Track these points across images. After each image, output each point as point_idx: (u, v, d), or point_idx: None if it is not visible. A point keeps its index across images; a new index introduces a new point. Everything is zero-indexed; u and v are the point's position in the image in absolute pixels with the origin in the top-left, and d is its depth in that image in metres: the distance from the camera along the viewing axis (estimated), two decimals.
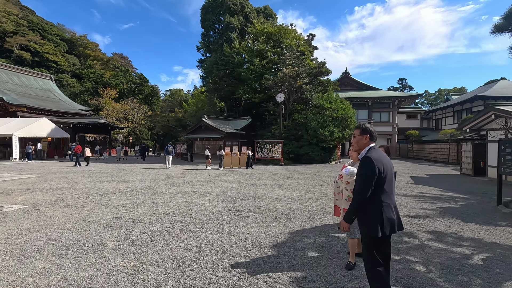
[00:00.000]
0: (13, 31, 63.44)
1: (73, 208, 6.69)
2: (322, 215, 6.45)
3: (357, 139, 2.76)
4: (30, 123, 25.43)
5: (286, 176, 14.19)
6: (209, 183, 11.58)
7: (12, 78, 36.13)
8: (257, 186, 10.87)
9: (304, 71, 24.26)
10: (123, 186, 10.37)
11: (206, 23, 30.64)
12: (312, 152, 22.99)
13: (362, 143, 2.71)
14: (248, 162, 18.48)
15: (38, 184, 10.32)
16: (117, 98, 47.71)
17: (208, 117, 25.00)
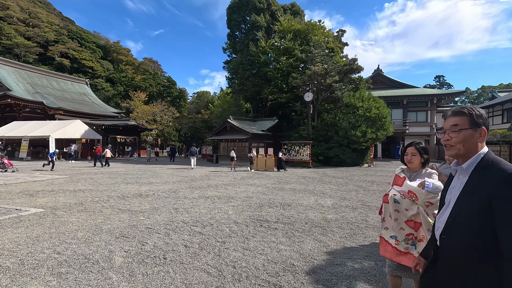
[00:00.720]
0: (55, 40, 68.01)
1: (90, 213, 6.29)
2: (365, 229, 5.45)
3: (465, 135, 1.47)
4: (65, 125, 26.58)
5: (316, 180, 13.16)
6: (233, 186, 10.91)
7: (52, 83, 38.38)
8: (286, 191, 10.00)
9: (333, 69, 22.96)
10: (146, 188, 10.00)
11: (232, 23, 30.33)
12: (342, 154, 21.62)
13: (474, 142, 1.47)
14: (280, 164, 17.63)
15: (64, 186, 10.26)
16: (146, 101, 49.13)
17: (233, 118, 24.53)
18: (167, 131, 46.63)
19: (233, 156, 17.97)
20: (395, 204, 2.61)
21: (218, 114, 38.63)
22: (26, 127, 26.97)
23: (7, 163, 15.26)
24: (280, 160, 17.69)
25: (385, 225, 2.79)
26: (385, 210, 2.76)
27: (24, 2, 74.72)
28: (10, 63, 35.16)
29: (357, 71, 24.21)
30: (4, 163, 15.22)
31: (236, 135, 23.49)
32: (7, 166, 15.18)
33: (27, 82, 34.52)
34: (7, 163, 15.27)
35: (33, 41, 63.75)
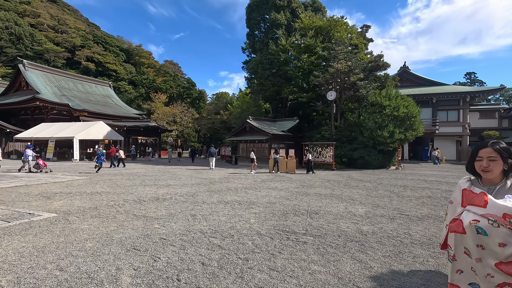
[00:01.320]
0: (81, 44, 70.83)
1: (103, 219, 5.89)
2: (411, 245, 4.64)
3: None
4: (89, 126, 27.19)
5: (342, 184, 12.27)
6: (254, 190, 10.29)
7: (77, 86, 39.71)
8: (310, 196, 9.25)
9: (358, 66, 21.83)
10: (163, 191, 9.61)
11: (251, 22, 29.86)
12: (368, 156, 20.45)
13: None
14: (309, 167, 16.85)
15: (82, 187, 10.09)
16: (167, 102, 49.79)
17: (253, 118, 23.98)
18: (186, 132, 46.96)
19: (253, 157, 17.39)
20: (478, 235, 1.78)
21: (237, 115, 38.32)
22: (53, 128, 27.87)
23: (41, 164, 15.48)
24: (309, 162, 16.89)
25: (458, 267, 1.98)
26: (457, 244, 1.94)
27: (54, 9, 78.52)
28: (39, 67, 36.70)
29: (383, 68, 22.91)
30: (39, 164, 15.42)
31: (255, 136, 22.92)
32: (41, 167, 15.40)
33: (54, 85, 35.86)
34: (41, 164, 15.49)
35: (62, 46, 66.72)
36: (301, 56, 23.67)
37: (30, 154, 15.73)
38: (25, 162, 15.63)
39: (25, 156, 15.70)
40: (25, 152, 15.75)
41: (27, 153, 15.67)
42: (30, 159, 15.63)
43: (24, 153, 15.80)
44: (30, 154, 15.71)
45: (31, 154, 15.83)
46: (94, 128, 27.35)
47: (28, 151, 15.76)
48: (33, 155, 15.91)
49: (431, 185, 12.09)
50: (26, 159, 15.59)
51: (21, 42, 60.13)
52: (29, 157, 15.60)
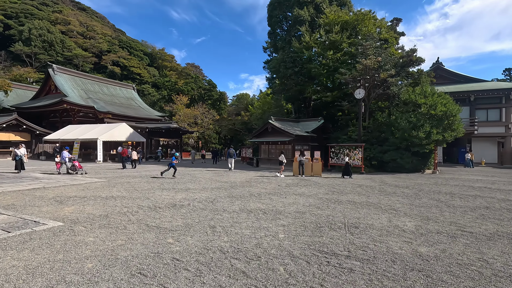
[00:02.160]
0: (108, 49, 73.34)
1: (112, 230, 5.21)
2: (495, 280, 3.50)
3: None
4: (112, 128, 27.47)
5: (376, 190, 11.02)
6: (279, 196, 9.34)
7: (103, 89, 40.73)
8: (344, 204, 8.16)
9: (388, 62, 20.29)
10: (181, 196, 8.91)
11: (273, 20, 28.98)
12: (400, 159, 18.83)
13: None
14: (347, 170, 15.64)
15: (98, 191, 9.63)
16: (188, 104, 50.03)
17: (275, 119, 23.04)
18: (207, 134, 46.86)
19: (283, 160, 16.41)
20: None
21: (258, 116, 37.56)
22: (78, 130, 28.47)
23: (77, 166, 15.38)
24: (347, 166, 15.66)
25: None
26: None
27: (83, 17, 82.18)
28: (67, 71, 38.00)
29: (416, 63, 21.17)
30: (75, 165, 15.32)
31: (278, 137, 21.95)
32: (77, 169, 15.31)
33: (81, 88, 36.93)
34: (77, 165, 15.39)
35: (89, 51, 69.43)
36: (326, 53, 22.43)
37: (67, 156, 15.54)
38: (63, 163, 15.45)
39: (62, 158, 15.48)
40: (62, 154, 15.55)
41: (63, 154, 15.47)
42: (67, 160, 15.41)
43: (61, 154, 15.65)
44: (66, 155, 15.49)
45: (68, 155, 15.64)
46: (117, 129, 27.61)
47: (65, 152, 15.53)
48: (69, 157, 15.76)
49: (482, 193, 10.54)
50: (64, 160, 15.40)
51: (53, 49, 63.19)
52: (66, 159, 15.35)
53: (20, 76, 52.75)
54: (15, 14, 67.58)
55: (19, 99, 39.09)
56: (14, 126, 28.57)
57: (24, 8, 70.73)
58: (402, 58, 21.51)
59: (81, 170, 15.51)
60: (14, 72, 55.31)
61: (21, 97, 39.98)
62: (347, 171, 15.60)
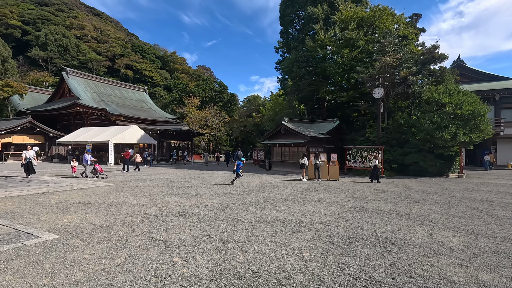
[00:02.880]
0: (121, 53, 74.39)
1: (112, 245, 4.57)
2: None
3: None
4: (123, 130, 27.32)
5: (402, 197, 10.06)
6: (297, 203, 8.55)
7: (115, 91, 40.96)
8: (371, 213, 7.29)
9: (409, 59, 19.18)
10: (191, 203, 8.25)
11: (285, 19, 28.25)
12: (423, 162, 17.67)
13: None
14: (375, 174, 14.65)
15: (104, 196, 9.10)
16: (199, 106, 49.81)
17: (288, 120, 22.24)
18: (218, 136, 46.44)
19: (304, 163, 15.58)
20: None
21: (270, 117, 36.82)
22: (90, 132, 28.47)
23: (98, 169, 14.67)
24: (376, 170, 14.65)
25: None
26: None
27: (97, 22, 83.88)
28: (80, 74, 38.39)
29: (439, 60, 19.97)
30: (96, 169, 14.65)
31: (291, 139, 21.13)
32: (98, 172, 14.63)
33: (94, 91, 37.19)
34: (98, 169, 14.69)
35: (103, 55, 70.59)
36: (341, 51, 21.50)
37: (89, 159, 15.12)
38: (85, 166, 15.00)
39: (84, 161, 15.09)
40: (84, 157, 15.17)
41: (85, 157, 15.09)
42: (88, 163, 14.99)
43: (83, 157, 15.20)
44: (88, 158, 15.10)
45: (90, 158, 15.22)
46: (128, 132, 27.43)
47: (86, 155, 15.14)
48: (91, 160, 15.32)
49: None
50: (86, 163, 14.99)
51: (68, 53, 64.51)
52: (88, 161, 14.98)
53: (37, 80, 53.89)
54: (32, 20, 69.53)
55: (35, 103, 39.75)
56: (29, 129, 28.85)
57: (41, 15, 72.73)
58: (423, 55, 20.35)
59: (102, 174, 14.79)
60: (31, 76, 56.66)
61: (37, 101, 40.65)
62: (376, 175, 14.61)
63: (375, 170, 14.62)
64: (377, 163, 14.71)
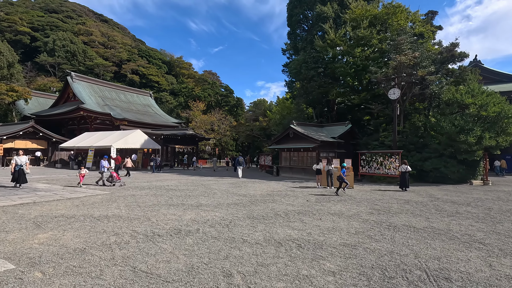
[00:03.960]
0: (127, 58, 74.56)
1: (80, 280, 3.50)
2: None
3: None
4: (126, 135, 26.56)
5: (431, 208, 8.81)
6: (312, 217, 7.39)
7: (120, 96, 40.50)
8: (402, 231, 6.09)
9: (426, 58, 17.93)
10: (190, 217, 7.18)
11: (293, 19, 27.31)
12: (444, 168, 16.29)
13: None
14: (405, 181, 13.33)
15: (93, 208, 8.09)
16: (204, 110, 49.06)
17: (297, 123, 21.10)
18: (224, 141, 45.48)
19: (319, 169, 14.41)
20: None
21: (277, 121, 35.71)
22: (93, 137, 27.81)
23: (115, 177, 13.48)
24: (405, 177, 13.30)
25: None
26: None
27: (104, 28, 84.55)
28: (85, 78, 38.06)
29: (459, 59, 18.66)
30: (113, 176, 13.39)
31: (300, 143, 19.97)
32: (115, 180, 13.41)
33: (98, 95, 36.75)
34: (115, 176, 13.49)
35: (110, 61, 70.76)
36: (353, 51, 20.38)
37: (106, 165, 13.73)
38: (102, 174, 13.66)
39: (100, 168, 13.78)
40: (100, 163, 13.79)
41: (102, 164, 13.73)
42: (105, 170, 13.69)
43: (100, 164, 13.86)
44: (105, 165, 13.68)
45: (107, 165, 13.80)
46: (131, 136, 26.66)
47: (103, 162, 13.74)
48: (108, 167, 13.94)
49: None
50: (102, 170, 13.65)
51: (75, 59, 64.82)
52: (105, 169, 13.68)
53: (44, 86, 54.04)
54: (41, 27, 70.31)
55: (41, 108, 39.50)
56: (31, 134, 28.34)
57: (50, 21, 73.60)
58: (441, 54, 19.06)
59: (119, 181, 13.57)
60: (38, 82, 56.93)
61: (43, 106, 40.41)
62: (405, 181, 13.32)
63: (404, 176, 13.32)
64: (408, 169, 13.40)
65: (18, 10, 74.29)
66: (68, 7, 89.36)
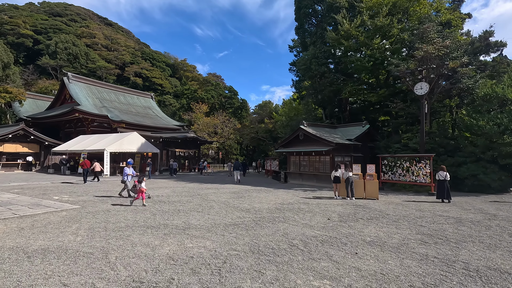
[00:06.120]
0: (130, 61, 73.34)
1: None
2: None
3: None
4: (121, 137, 24.62)
5: (500, 233, 6.47)
6: (343, 250, 5.12)
7: (119, 97, 38.78)
8: (493, 281, 3.79)
9: (458, 47, 15.60)
10: (168, 250, 4.99)
11: (301, 12, 25.20)
12: (484, 174, 13.85)
13: None
14: (444, 191, 11.05)
15: (40, 233, 5.96)
16: (208, 113, 47.14)
17: (307, 124, 18.85)
18: (228, 144, 43.36)
19: (338, 176, 12.07)
20: None
21: (283, 123, 33.48)
22: (88, 140, 25.95)
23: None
24: (444, 185, 11.00)
25: None
26: None
27: (108, 31, 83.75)
28: (82, 79, 36.48)
29: (495, 49, 16.26)
30: (137, 186, 10.35)
31: (312, 146, 17.71)
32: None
33: (96, 97, 35.05)
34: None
35: (113, 63, 69.62)
36: (370, 42, 18.11)
37: (130, 173, 11.25)
38: (125, 183, 11.22)
39: (124, 176, 11.24)
40: (124, 171, 11.31)
41: (125, 171, 11.24)
42: (129, 179, 11.18)
43: (123, 172, 11.39)
44: (129, 172, 11.22)
45: (131, 173, 11.34)
46: (127, 139, 24.70)
47: (127, 169, 11.27)
48: (134, 174, 11.45)
49: None
50: (125, 179, 11.16)
51: (77, 61, 63.75)
52: (128, 177, 11.18)
53: (46, 89, 52.89)
54: (44, 30, 69.63)
55: (39, 110, 38.00)
56: (22, 137, 26.62)
57: (53, 24, 72.98)
58: (472, 44, 16.70)
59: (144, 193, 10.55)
60: (39, 84, 55.87)
61: (41, 109, 38.85)
62: (444, 192, 10.99)
63: (442, 185, 11.01)
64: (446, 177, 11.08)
65: (22, 13, 73.91)
66: (73, 10, 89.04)
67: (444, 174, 11.07)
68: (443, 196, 11.15)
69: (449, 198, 11.09)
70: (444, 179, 11.03)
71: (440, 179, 11.13)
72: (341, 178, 12.00)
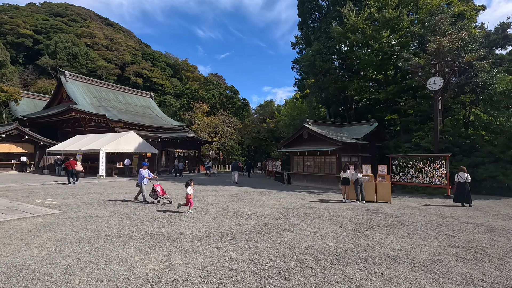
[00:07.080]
0: (131, 61, 72.63)
1: None
2: None
3: None
4: (118, 137, 23.74)
5: None
6: (364, 269, 4.13)
7: (118, 96, 37.97)
8: None
9: (473, 40, 14.59)
10: (149, 269, 4.03)
11: (304, 7, 24.28)
12: (503, 175, 12.83)
13: None
14: (463, 195, 10.02)
15: (2, 245, 5.02)
16: (208, 112, 46.24)
17: (312, 123, 17.87)
18: (229, 144, 42.41)
19: (347, 177, 11.07)
20: None
21: (286, 123, 32.52)
22: (84, 140, 25.10)
23: (159, 191, 9.78)
24: (464, 187, 9.97)
25: None
26: None
27: (108, 31, 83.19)
28: (80, 78, 35.72)
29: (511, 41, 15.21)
30: (156, 191, 9.74)
31: (316, 146, 16.73)
32: (159, 196, 9.77)
33: (94, 96, 34.26)
34: (159, 190, 9.79)
35: (113, 63, 68.93)
36: (379, 35, 17.11)
37: (146, 176, 10.13)
38: (141, 187, 10.10)
39: (140, 179, 10.11)
40: (140, 174, 10.13)
41: (141, 174, 10.09)
42: (145, 182, 10.15)
43: (139, 174, 10.21)
44: (145, 175, 10.10)
45: (148, 175, 10.21)
46: (124, 139, 23.80)
47: (142, 171, 10.12)
48: (150, 177, 10.33)
49: None
50: (142, 182, 10.07)
51: (77, 61, 63.09)
52: (145, 180, 10.12)
53: (45, 89, 52.20)
54: (44, 30, 69.13)
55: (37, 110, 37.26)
56: (16, 137, 25.79)
57: (53, 24, 72.49)
58: (488, 37, 15.67)
59: (164, 197, 9.91)
60: (39, 84, 55.23)
61: (39, 108, 38.16)
62: (464, 195, 9.99)
63: (462, 187, 10.01)
64: (467, 179, 10.08)
65: (23, 14, 73.53)
66: (74, 11, 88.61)
67: (464, 175, 10.06)
68: (463, 199, 10.14)
69: (470, 202, 10.08)
70: (465, 181, 10.02)
71: (460, 181, 10.12)
72: (350, 179, 11.01)
